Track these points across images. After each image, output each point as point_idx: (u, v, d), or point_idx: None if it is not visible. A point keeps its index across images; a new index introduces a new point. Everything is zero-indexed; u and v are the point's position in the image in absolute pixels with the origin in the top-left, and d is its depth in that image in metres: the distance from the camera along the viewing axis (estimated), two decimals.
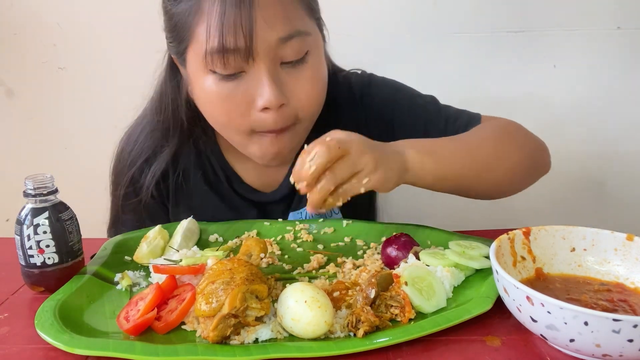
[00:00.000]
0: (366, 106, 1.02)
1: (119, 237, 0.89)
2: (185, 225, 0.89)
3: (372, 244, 0.87)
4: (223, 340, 0.62)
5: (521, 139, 0.92)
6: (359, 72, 1.07)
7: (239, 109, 0.83)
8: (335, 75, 1.04)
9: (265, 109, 0.82)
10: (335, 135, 0.70)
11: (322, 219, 0.95)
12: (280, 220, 0.96)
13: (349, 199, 0.70)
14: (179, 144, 0.99)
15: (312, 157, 0.67)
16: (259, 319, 0.63)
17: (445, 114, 0.99)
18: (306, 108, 0.86)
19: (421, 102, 1.01)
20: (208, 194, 1.01)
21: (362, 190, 0.70)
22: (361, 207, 0.99)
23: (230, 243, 0.89)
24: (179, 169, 1.00)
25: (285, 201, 1.01)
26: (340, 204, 0.70)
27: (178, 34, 0.84)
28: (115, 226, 1.05)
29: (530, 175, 0.92)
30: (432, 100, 1.02)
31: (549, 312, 0.56)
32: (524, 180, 0.91)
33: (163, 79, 0.97)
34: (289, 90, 0.83)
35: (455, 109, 1.01)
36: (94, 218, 1.00)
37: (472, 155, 0.83)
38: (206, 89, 0.84)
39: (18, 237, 0.74)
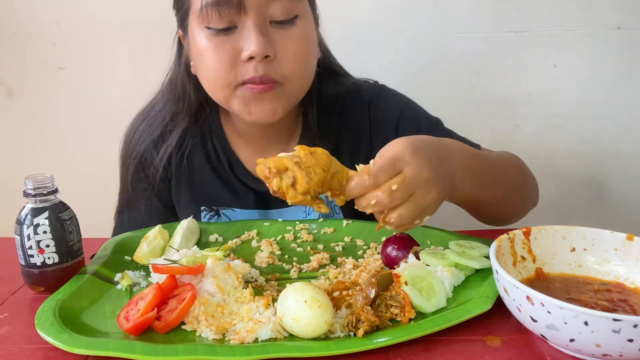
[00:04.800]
0: (373, 114, 1.04)
1: (119, 237, 0.89)
2: (185, 225, 0.89)
3: (372, 244, 0.87)
4: (225, 337, 0.62)
5: (529, 175, 0.97)
6: (371, 81, 1.09)
7: (227, 60, 0.86)
8: (346, 79, 1.06)
9: (250, 59, 0.85)
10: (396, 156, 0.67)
11: (322, 219, 0.95)
12: (280, 220, 0.96)
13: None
14: (188, 123, 1.02)
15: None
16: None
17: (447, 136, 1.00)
18: (292, 67, 0.88)
19: (426, 121, 1.03)
20: (209, 175, 1.03)
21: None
22: None
23: (230, 243, 0.89)
24: (184, 149, 1.02)
25: None
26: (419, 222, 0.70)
27: (180, 1, 0.92)
28: (124, 211, 1.07)
29: (528, 209, 0.97)
30: (437, 121, 1.04)
31: (549, 312, 0.56)
32: (524, 212, 0.97)
33: (174, 58, 1.01)
34: (277, 47, 0.87)
35: (458, 135, 1.02)
36: (94, 218, 1.00)
37: (502, 183, 0.87)
38: (199, 46, 0.88)
39: (18, 237, 0.74)
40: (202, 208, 1.03)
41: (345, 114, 1.04)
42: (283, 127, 1.01)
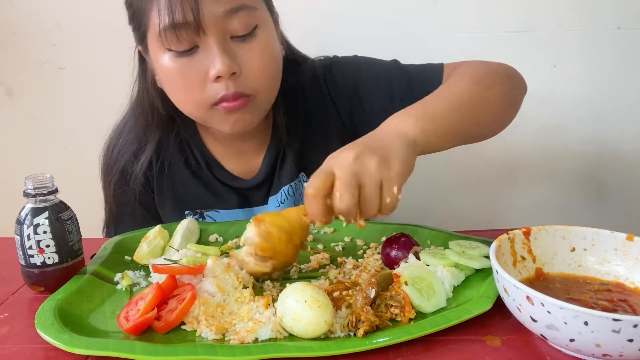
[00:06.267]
0: (330, 85, 1.05)
1: (119, 237, 0.89)
2: (185, 225, 0.89)
3: (372, 244, 0.87)
4: (224, 337, 0.62)
5: (498, 73, 0.93)
6: (322, 57, 1.10)
7: (195, 82, 0.86)
8: (302, 63, 1.07)
9: (218, 78, 0.85)
10: (328, 163, 0.69)
11: None
12: None
13: None
14: (161, 135, 1.02)
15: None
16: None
17: (407, 73, 1.00)
18: (259, 79, 0.88)
19: (381, 67, 1.03)
20: (190, 180, 1.04)
21: (396, 191, 0.69)
22: None
23: (230, 243, 0.89)
24: (163, 158, 1.03)
25: (264, 187, 1.04)
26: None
27: (136, 21, 0.90)
28: (111, 224, 1.07)
29: (516, 102, 0.94)
30: (393, 63, 1.04)
31: (549, 312, 0.56)
32: (513, 109, 0.93)
33: (137, 73, 1.00)
34: (241, 62, 0.87)
35: (417, 65, 1.02)
36: (94, 218, 1.00)
37: (464, 104, 0.82)
38: (164, 68, 0.88)
39: (18, 237, 0.74)
40: (187, 212, 1.04)
41: (307, 98, 1.05)
42: (257, 125, 1.00)
